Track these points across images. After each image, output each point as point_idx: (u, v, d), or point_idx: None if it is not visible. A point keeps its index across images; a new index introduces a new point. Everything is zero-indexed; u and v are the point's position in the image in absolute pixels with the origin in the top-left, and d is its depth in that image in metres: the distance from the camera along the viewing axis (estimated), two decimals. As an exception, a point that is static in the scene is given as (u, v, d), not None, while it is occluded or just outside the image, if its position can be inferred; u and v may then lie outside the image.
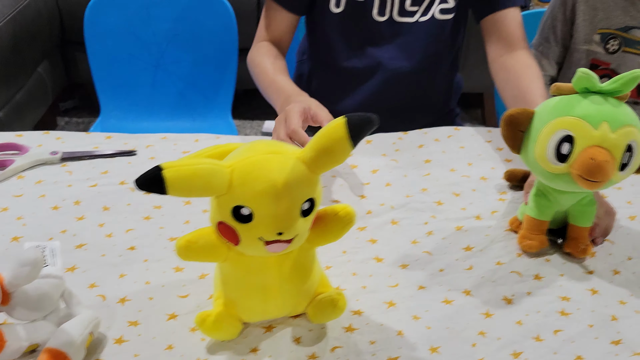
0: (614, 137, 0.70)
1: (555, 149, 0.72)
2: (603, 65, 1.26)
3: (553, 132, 0.72)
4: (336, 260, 0.82)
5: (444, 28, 1.20)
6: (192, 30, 1.61)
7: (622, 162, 0.71)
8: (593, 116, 0.70)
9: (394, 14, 1.17)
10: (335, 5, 1.17)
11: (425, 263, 0.82)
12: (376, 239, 0.86)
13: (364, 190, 0.96)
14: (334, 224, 0.67)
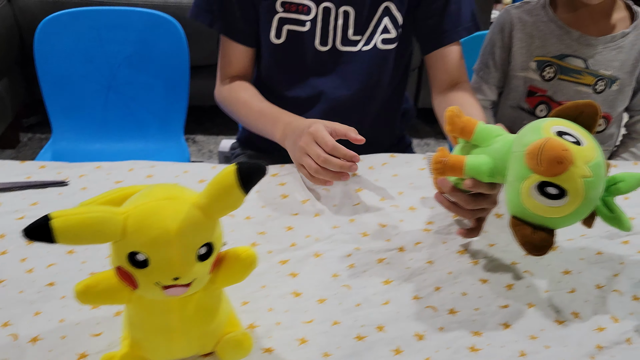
0: (577, 175, 0.70)
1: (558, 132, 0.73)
2: (540, 92, 1.27)
3: (557, 124, 0.74)
4: (254, 295, 0.82)
5: (387, 58, 1.21)
6: (143, 51, 1.61)
7: (546, 186, 0.71)
8: (596, 170, 0.71)
9: (337, 43, 1.18)
10: (276, 37, 1.18)
11: (343, 297, 0.82)
12: (297, 272, 0.86)
13: (292, 221, 0.97)
14: (236, 266, 0.67)
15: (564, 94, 1.25)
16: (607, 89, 1.24)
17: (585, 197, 0.71)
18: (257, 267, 0.85)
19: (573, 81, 1.24)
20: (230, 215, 0.95)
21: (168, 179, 1.05)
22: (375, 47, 1.19)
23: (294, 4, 1.15)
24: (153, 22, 1.59)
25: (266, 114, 1.13)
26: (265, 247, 0.91)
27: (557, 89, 1.25)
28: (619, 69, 1.23)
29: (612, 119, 1.28)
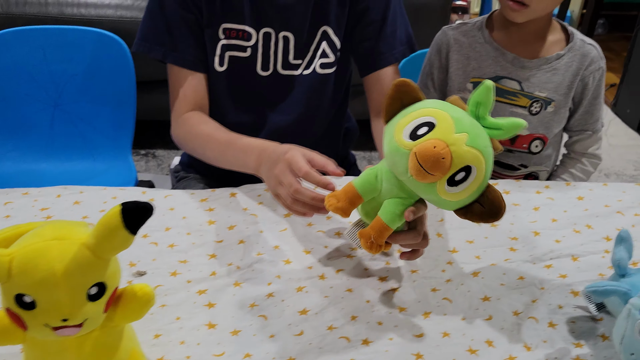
0: (463, 150, 0.71)
1: (415, 127, 0.74)
2: (477, 113, 1.27)
3: (423, 115, 0.74)
4: (167, 327, 0.81)
5: (326, 81, 1.21)
6: (89, 69, 1.60)
7: (453, 177, 0.73)
8: (463, 124, 0.73)
9: (278, 67, 1.17)
10: (219, 64, 1.16)
11: (258, 329, 0.82)
12: (215, 303, 0.86)
13: (215, 249, 0.96)
14: (132, 304, 0.67)
15: (500, 116, 1.25)
16: (542, 110, 1.25)
17: (483, 153, 0.74)
18: (175, 297, 0.85)
19: (508, 103, 1.25)
20: (153, 243, 0.95)
21: (96, 206, 1.04)
22: (314, 71, 1.18)
23: (235, 30, 1.14)
24: (98, 41, 1.57)
25: (236, 144, 1.05)
26: (185, 277, 0.90)
27: (493, 111, 1.25)
28: (554, 91, 1.23)
29: (549, 140, 1.28)
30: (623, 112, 3.06)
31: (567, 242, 1.00)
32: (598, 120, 1.29)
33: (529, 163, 1.30)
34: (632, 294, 0.75)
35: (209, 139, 1.11)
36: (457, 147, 0.71)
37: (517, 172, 1.31)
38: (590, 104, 1.27)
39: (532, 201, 1.10)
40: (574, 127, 1.31)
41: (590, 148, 1.32)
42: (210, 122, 1.15)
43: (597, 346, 0.81)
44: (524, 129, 0.76)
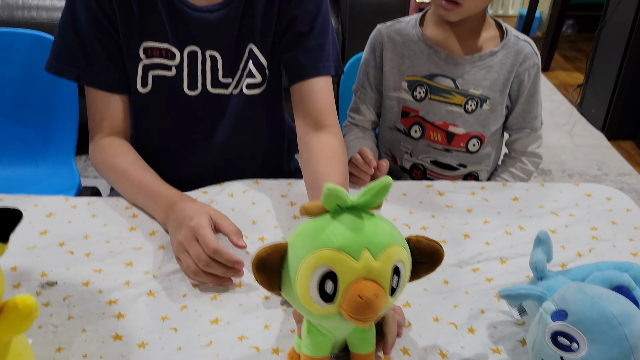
0: (378, 266, 0.62)
1: (318, 288, 0.63)
2: (413, 113, 1.26)
3: (312, 270, 0.62)
4: (72, 340, 0.78)
5: (255, 103, 1.14)
6: (29, 74, 1.55)
7: (392, 287, 0.65)
8: (352, 245, 0.62)
9: (208, 85, 1.10)
10: (142, 86, 1.09)
11: (167, 341, 0.79)
12: (125, 314, 0.83)
13: (133, 256, 0.93)
14: (13, 317, 0.63)
15: (436, 114, 1.23)
16: (478, 108, 1.23)
17: (391, 240, 0.65)
18: (83, 308, 0.82)
19: (444, 101, 1.23)
20: (69, 252, 0.91)
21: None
22: (241, 92, 1.12)
23: (157, 49, 1.07)
24: (37, 43, 1.53)
25: (146, 189, 1.00)
26: (97, 287, 0.87)
27: (429, 109, 1.23)
28: (489, 89, 1.21)
29: (486, 138, 1.27)
30: (588, 112, 3.06)
31: (496, 244, 0.98)
32: (537, 118, 1.28)
33: (467, 162, 1.28)
34: (546, 298, 0.73)
35: (122, 175, 1.04)
36: (371, 270, 0.62)
37: (456, 172, 1.29)
38: (527, 101, 1.25)
39: (466, 202, 1.08)
40: (512, 125, 1.29)
41: (530, 146, 1.31)
42: (126, 153, 1.07)
43: (516, 351, 0.79)
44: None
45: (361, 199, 0.64)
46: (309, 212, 0.67)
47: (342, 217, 0.64)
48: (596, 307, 0.68)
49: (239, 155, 1.20)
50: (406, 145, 1.29)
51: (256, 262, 0.65)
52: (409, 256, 0.67)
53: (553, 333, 0.69)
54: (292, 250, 0.65)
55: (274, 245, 0.65)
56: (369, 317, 0.63)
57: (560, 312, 0.69)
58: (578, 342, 0.67)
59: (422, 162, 1.29)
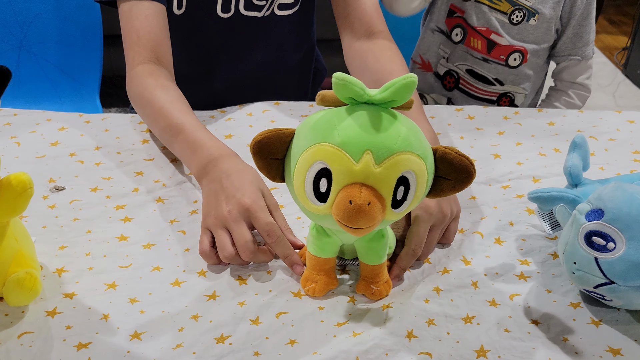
0: (378, 172, 0.55)
1: (313, 185, 0.58)
2: (458, 13, 1.19)
3: (309, 165, 0.57)
4: (76, 239, 0.75)
5: (286, 25, 1.11)
6: (54, 9, 1.54)
7: (395, 199, 0.57)
8: (354, 144, 0.56)
9: (240, 7, 1.06)
10: (177, 7, 1.04)
11: (174, 243, 0.75)
12: (132, 217, 0.79)
13: (145, 166, 0.89)
14: (7, 194, 0.60)
15: (479, 19, 1.16)
16: (524, 21, 1.15)
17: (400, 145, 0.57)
18: (90, 211, 0.79)
19: (490, 6, 1.15)
20: (79, 161, 0.88)
21: (28, 127, 0.98)
22: (273, 13, 1.09)
23: None
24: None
25: (185, 134, 0.84)
26: (106, 192, 0.83)
27: (473, 12, 1.16)
28: (541, 2, 1.14)
29: (528, 53, 1.18)
30: (633, 73, 2.93)
31: (529, 164, 0.92)
32: (588, 45, 1.20)
33: (505, 79, 1.21)
34: (581, 201, 0.67)
35: (160, 113, 0.88)
36: (370, 175, 0.55)
37: (491, 87, 1.22)
38: (579, 24, 1.17)
39: (498, 126, 1.02)
40: (561, 51, 1.21)
41: (580, 77, 1.23)
42: (168, 87, 0.92)
43: (546, 264, 0.73)
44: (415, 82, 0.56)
45: (379, 94, 0.57)
46: (325, 100, 0.60)
47: (357, 113, 0.58)
48: (636, 203, 0.62)
49: (267, 79, 1.16)
50: (445, 48, 1.23)
51: (253, 145, 0.60)
52: (429, 168, 0.59)
53: (587, 233, 0.63)
54: (297, 139, 0.60)
55: (276, 131, 0.60)
56: (359, 225, 0.56)
57: (595, 211, 0.63)
58: (615, 240, 0.61)
59: (458, 69, 1.22)
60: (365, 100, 0.58)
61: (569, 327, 0.64)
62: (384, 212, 0.57)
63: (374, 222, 0.57)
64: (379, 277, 0.67)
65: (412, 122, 0.61)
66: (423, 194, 0.60)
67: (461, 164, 0.60)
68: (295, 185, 0.59)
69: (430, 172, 0.60)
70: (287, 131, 0.60)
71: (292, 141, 0.61)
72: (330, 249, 0.67)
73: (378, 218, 0.57)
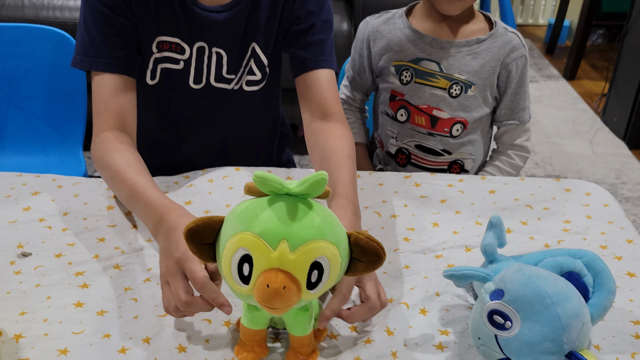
0: (292, 259, 0.63)
1: (237, 269, 0.65)
2: (399, 96, 1.29)
3: (234, 251, 0.65)
4: (36, 305, 0.82)
5: (253, 99, 1.19)
6: (41, 66, 1.62)
7: (310, 281, 0.65)
8: (271, 234, 0.64)
9: (211, 79, 1.14)
10: (151, 78, 1.13)
11: (125, 311, 0.82)
12: (90, 284, 0.86)
13: (107, 233, 0.96)
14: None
15: (420, 97, 1.26)
16: (462, 93, 1.24)
17: (316, 235, 0.65)
18: (52, 278, 0.86)
19: (428, 84, 1.25)
20: (47, 227, 0.96)
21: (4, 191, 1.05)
22: (241, 88, 1.17)
23: (169, 43, 1.11)
24: (50, 38, 1.60)
25: (138, 196, 0.91)
26: (68, 259, 0.90)
27: (413, 93, 1.26)
28: (475, 74, 1.23)
29: (469, 124, 1.27)
30: (611, 120, 3.01)
31: (464, 233, 0.99)
32: (525, 110, 1.29)
33: (451, 148, 1.29)
34: (490, 279, 0.74)
35: (117, 176, 0.96)
36: (285, 261, 0.63)
37: (441, 157, 1.30)
38: (515, 92, 1.26)
39: (441, 194, 1.09)
40: (500, 117, 1.30)
41: (518, 139, 1.31)
42: (125, 151, 1.00)
43: (464, 334, 0.80)
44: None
45: (296, 188, 0.65)
46: (251, 191, 0.69)
47: (277, 204, 0.65)
48: (531, 286, 0.68)
49: (235, 146, 1.24)
50: (392, 129, 1.32)
51: (185, 233, 0.68)
52: (343, 252, 0.67)
53: (490, 312, 0.70)
54: (225, 226, 0.68)
55: (206, 219, 0.68)
56: (276, 306, 0.64)
57: (498, 292, 0.70)
58: (512, 320, 0.68)
59: (407, 146, 1.31)
60: (284, 192, 0.66)
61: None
62: (299, 294, 0.65)
63: (289, 303, 0.65)
64: (305, 347, 0.74)
65: (328, 212, 0.68)
66: (338, 275, 0.68)
67: (371, 248, 0.68)
68: (223, 268, 0.67)
69: (344, 256, 0.68)
70: (216, 219, 0.68)
71: (221, 228, 0.68)
72: (261, 322, 0.74)
73: (293, 299, 0.65)
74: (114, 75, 1.06)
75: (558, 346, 0.67)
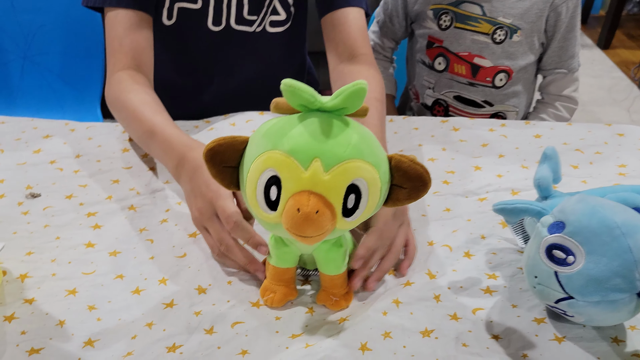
0: (326, 180, 0.55)
1: (264, 193, 0.57)
2: (437, 43, 1.19)
3: (260, 172, 0.57)
4: (44, 246, 0.76)
5: (277, 41, 1.11)
6: (57, 20, 1.56)
7: (346, 207, 0.57)
8: (302, 151, 0.55)
9: (231, 21, 1.07)
10: (167, 18, 1.05)
11: (140, 252, 0.75)
12: (102, 224, 0.80)
13: (122, 174, 0.90)
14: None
15: (460, 44, 1.16)
16: (507, 39, 1.14)
17: (353, 152, 0.56)
18: (62, 218, 0.79)
19: (470, 29, 1.14)
20: (59, 169, 0.89)
21: (14, 135, 0.99)
22: (264, 29, 1.09)
23: None
24: (65, -10, 1.53)
25: (157, 135, 0.85)
26: (80, 200, 0.84)
27: (453, 39, 1.16)
28: (521, 18, 1.12)
29: (514, 73, 1.17)
30: (650, 88, 2.89)
31: (510, 176, 0.90)
32: (574, 57, 1.18)
33: (493, 100, 1.20)
34: (547, 213, 0.65)
35: (133, 116, 0.90)
36: (318, 183, 0.55)
37: (481, 110, 1.21)
38: (564, 38, 1.16)
39: (482, 138, 1.00)
40: (547, 65, 1.20)
41: (566, 90, 1.21)
42: (141, 91, 0.93)
43: (515, 278, 0.71)
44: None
45: (330, 102, 0.57)
46: (278, 107, 0.60)
47: (308, 120, 0.57)
48: (597, 216, 0.60)
49: (257, 93, 1.16)
50: (429, 79, 1.22)
51: (205, 153, 0.59)
52: (383, 177, 0.58)
53: (548, 246, 0.61)
54: (249, 147, 0.59)
55: (229, 138, 0.60)
56: (308, 234, 0.55)
57: (557, 224, 0.62)
58: (575, 254, 0.60)
59: (445, 97, 1.22)
60: (317, 107, 0.57)
61: (531, 342, 0.63)
62: (334, 221, 0.57)
63: (323, 231, 0.56)
64: (338, 287, 0.66)
65: (367, 130, 0.60)
66: (377, 202, 0.60)
67: (415, 173, 0.59)
68: (248, 193, 0.59)
69: (384, 181, 0.59)
70: (240, 139, 0.60)
71: (245, 149, 0.60)
72: (289, 259, 0.66)
73: (327, 226, 0.56)
74: (129, 11, 0.98)
75: (629, 282, 0.58)
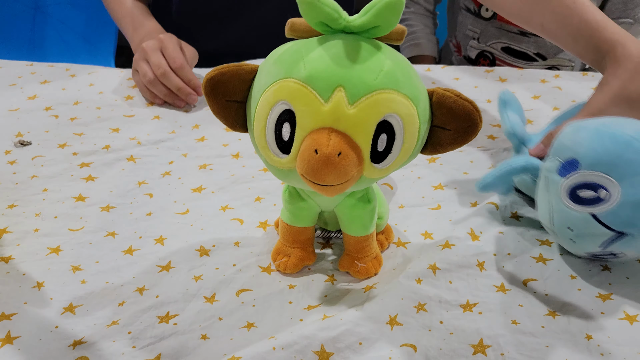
0: (352, 114, 0.43)
1: (275, 131, 0.46)
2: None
3: (271, 106, 0.45)
4: (29, 198, 0.66)
5: None
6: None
7: (375, 150, 0.45)
8: (323, 78, 0.43)
9: None
10: None
11: (137, 207, 0.65)
12: (96, 176, 0.70)
13: (123, 122, 0.80)
14: None
15: None
16: None
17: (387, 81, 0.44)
18: (52, 169, 0.70)
19: None
20: (54, 116, 0.80)
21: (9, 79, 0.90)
22: None
23: None
24: None
25: (133, 15, 0.97)
26: (73, 149, 0.74)
27: None
28: None
29: None
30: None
31: (565, 131, 0.78)
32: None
33: (547, 53, 1.06)
34: (535, 162, 0.57)
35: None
36: (341, 117, 0.43)
37: (534, 63, 1.08)
38: None
39: (533, 89, 0.88)
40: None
41: None
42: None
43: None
44: None
45: (358, 19, 0.45)
46: (295, 29, 0.48)
47: (330, 42, 0.45)
48: (606, 137, 0.50)
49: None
50: (474, 28, 1.09)
51: (205, 84, 0.48)
52: (422, 114, 0.46)
53: (571, 190, 0.51)
54: (258, 77, 0.47)
55: (233, 66, 0.47)
56: (328, 181, 0.44)
57: (568, 163, 0.52)
58: (606, 186, 0.49)
59: (492, 48, 1.08)
60: (342, 27, 0.45)
61: (596, 322, 0.51)
62: (361, 167, 0.45)
63: (347, 178, 0.44)
64: (365, 251, 0.55)
65: (402, 57, 0.48)
66: (414, 146, 0.47)
67: (463, 110, 0.47)
68: (256, 133, 0.47)
69: (423, 120, 0.47)
70: (247, 68, 0.48)
71: (254, 79, 0.49)
72: (307, 216, 0.55)
73: (352, 173, 0.44)
74: None
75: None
